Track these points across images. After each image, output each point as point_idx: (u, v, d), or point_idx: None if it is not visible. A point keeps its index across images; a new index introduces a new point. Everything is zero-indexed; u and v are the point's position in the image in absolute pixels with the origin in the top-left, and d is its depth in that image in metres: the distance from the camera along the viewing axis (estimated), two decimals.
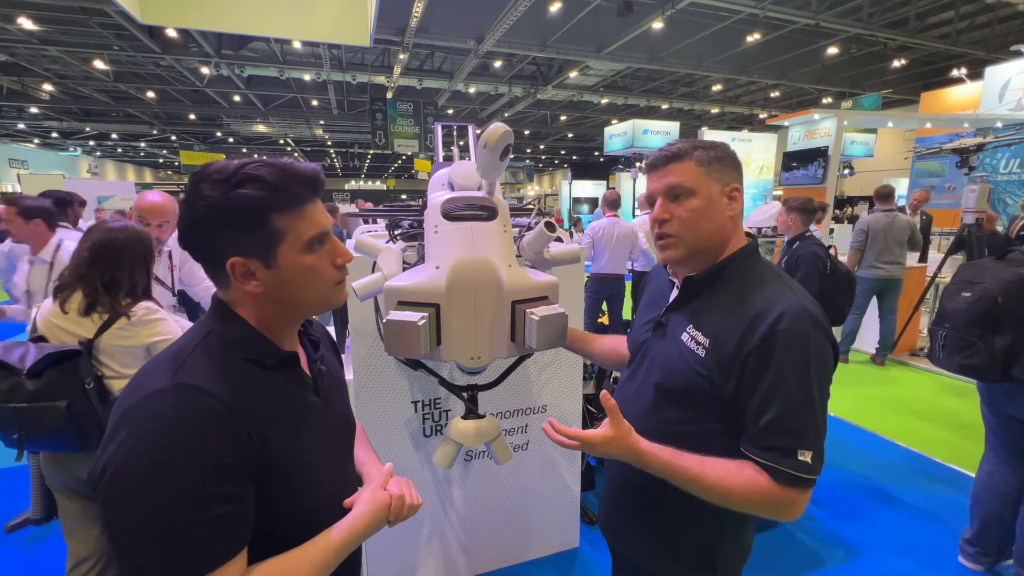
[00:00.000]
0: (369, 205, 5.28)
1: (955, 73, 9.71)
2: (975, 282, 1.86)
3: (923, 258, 5.51)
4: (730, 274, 0.96)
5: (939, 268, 4.75)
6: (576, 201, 16.65)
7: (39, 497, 1.62)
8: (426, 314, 0.90)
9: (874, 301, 4.72)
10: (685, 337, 0.96)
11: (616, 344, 1.33)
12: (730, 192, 0.96)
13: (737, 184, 0.97)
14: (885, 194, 4.64)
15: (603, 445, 0.88)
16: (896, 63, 10.21)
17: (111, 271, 1.54)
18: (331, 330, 1.65)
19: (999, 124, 6.08)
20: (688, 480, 0.86)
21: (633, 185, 10.29)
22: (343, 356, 1.84)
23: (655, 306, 1.10)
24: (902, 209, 5.26)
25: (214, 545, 0.63)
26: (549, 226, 1.12)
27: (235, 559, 0.65)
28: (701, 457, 0.87)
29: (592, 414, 2.53)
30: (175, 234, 2.25)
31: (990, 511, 2.07)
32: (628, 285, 5.09)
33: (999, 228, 4.63)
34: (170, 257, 2.38)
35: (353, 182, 34.26)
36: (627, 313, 5.22)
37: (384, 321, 0.91)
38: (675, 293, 1.05)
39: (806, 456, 0.82)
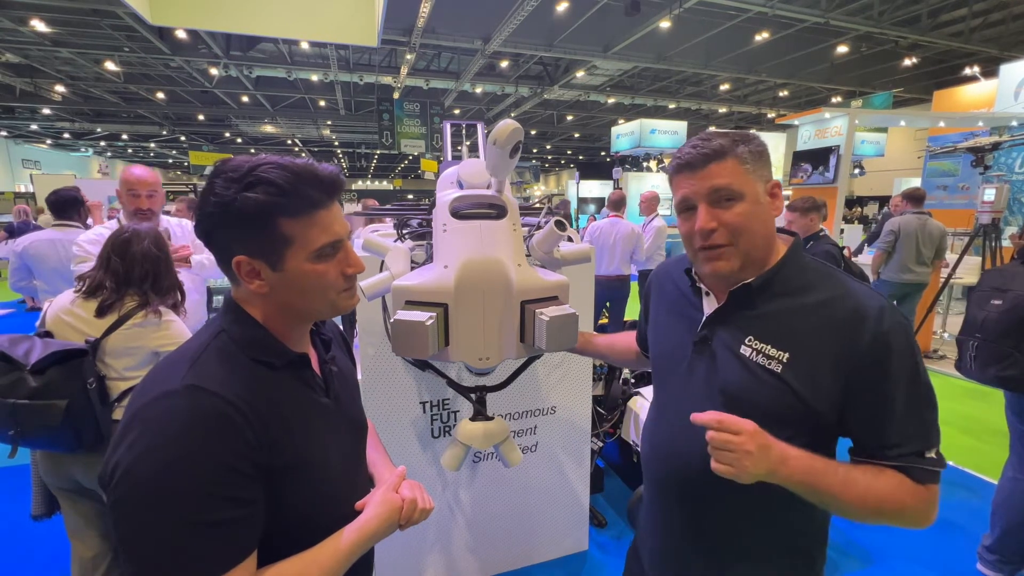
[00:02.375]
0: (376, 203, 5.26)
1: (967, 71, 9.57)
2: (1005, 289, 1.78)
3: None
4: (785, 277, 0.87)
5: (953, 269, 4.68)
6: (583, 201, 16.61)
7: (40, 495, 1.61)
8: (434, 314, 0.88)
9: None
10: (747, 352, 0.85)
11: (628, 341, 1.30)
12: (771, 189, 0.87)
13: (775, 180, 0.88)
14: (917, 197, 4.58)
15: (756, 435, 0.72)
16: (907, 61, 10.07)
17: (154, 278, 1.57)
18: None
19: (1014, 123, 5.98)
20: (837, 488, 0.75)
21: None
22: None
23: (682, 316, 0.98)
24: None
25: (223, 547, 0.63)
26: (559, 225, 1.10)
27: (244, 562, 0.64)
28: (836, 462, 0.77)
29: (601, 416, 2.50)
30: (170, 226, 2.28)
31: (1012, 518, 2.01)
32: (634, 286, 5.04)
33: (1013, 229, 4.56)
34: None
35: (360, 182, 34.50)
36: (631, 314, 5.16)
37: (392, 321, 0.90)
38: (709, 303, 0.93)
39: (932, 452, 0.78)
